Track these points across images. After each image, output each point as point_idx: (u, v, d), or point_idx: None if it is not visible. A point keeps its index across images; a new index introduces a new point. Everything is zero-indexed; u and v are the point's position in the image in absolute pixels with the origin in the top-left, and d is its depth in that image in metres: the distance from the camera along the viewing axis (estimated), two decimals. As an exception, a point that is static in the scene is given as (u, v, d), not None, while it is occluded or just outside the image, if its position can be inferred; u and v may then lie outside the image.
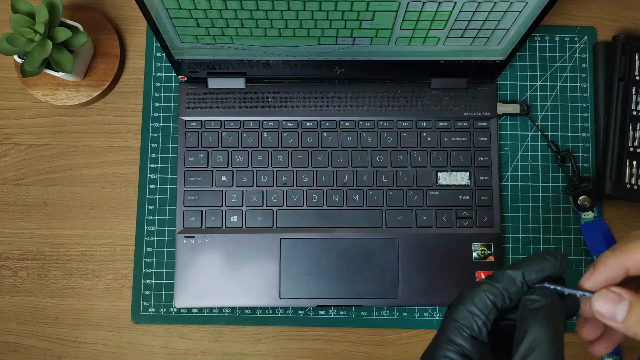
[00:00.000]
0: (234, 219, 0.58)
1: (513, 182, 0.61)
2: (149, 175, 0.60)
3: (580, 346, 0.58)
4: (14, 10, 0.53)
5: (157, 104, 0.61)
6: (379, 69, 0.57)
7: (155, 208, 0.59)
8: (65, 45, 0.54)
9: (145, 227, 0.59)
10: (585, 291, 0.31)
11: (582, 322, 0.34)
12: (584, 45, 0.63)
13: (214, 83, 0.59)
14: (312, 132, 0.59)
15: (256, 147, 0.59)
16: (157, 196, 0.60)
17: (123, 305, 0.58)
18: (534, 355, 0.27)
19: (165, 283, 0.58)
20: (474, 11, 0.47)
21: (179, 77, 0.58)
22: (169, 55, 0.54)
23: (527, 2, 0.46)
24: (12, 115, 0.61)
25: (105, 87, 0.60)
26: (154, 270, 0.58)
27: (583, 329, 0.34)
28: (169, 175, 0.60)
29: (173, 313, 0.58)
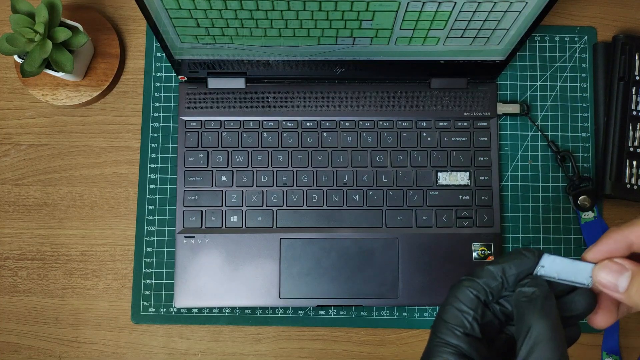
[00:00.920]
0: (234, 219, 0.58)
1: (513, 182, 0.61)
2: (149, 175, 0.60)
3: (581, 346, 0.58)
4: (14, 10, 0.53)
5: (157, 104, 0.61)
6: (378, 69, 0.56)
7: (155, 208, 0.59)
8: (65, 45, 0.54)
9: (145, 227, 0.59)
10: (580, 283, 0.31)
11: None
12: (584, 45, 0.63)
13: (214, 83, 0.59)
14: (312, 132, 0.59)
15: (256, 147, 0.59)
16: (157, 196, 0.60)
17: (123, 305, 0.58)
18: (538, 351, 0.27)
19: (165, 283, 0.58)
20: (474, 11, 0.47)
21: (179, 77, 0.58)
22: (169, 55, 0.54)
23: (527, 2, 0.46)
24: (12, 115, 0.61)
25: (105, 87, 0.60)
26: (154, 270, 0.58)
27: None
28: (169, 175, 0.60)
29: (173, 313, 0.58)
